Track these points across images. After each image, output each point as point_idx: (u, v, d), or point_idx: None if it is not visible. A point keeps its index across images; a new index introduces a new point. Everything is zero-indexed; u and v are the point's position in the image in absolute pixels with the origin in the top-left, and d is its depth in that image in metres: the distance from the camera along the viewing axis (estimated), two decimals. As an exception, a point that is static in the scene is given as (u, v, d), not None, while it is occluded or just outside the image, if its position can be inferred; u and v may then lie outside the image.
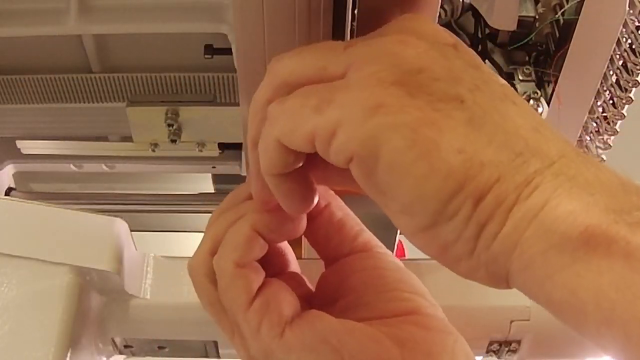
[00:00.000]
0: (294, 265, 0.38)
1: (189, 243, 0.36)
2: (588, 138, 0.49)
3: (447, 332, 0.34)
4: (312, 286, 0.38)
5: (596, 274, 0.22)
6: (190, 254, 0.36)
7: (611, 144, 0.49)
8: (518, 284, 0.25)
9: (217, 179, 0.86)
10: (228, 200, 0.36)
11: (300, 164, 0.30)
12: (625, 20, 0.42)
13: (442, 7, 0.49)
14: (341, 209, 0.38)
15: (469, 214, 0.25)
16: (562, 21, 0.47)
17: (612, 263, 0.22)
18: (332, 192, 0.37)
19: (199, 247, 0.35)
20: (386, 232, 0.54)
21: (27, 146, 0.77)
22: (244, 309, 0.32)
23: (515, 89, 0.51)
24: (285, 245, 0.38)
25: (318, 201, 0.34)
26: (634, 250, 0.22)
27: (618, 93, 0.45)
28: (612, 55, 0.44)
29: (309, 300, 0.37)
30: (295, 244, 0.39)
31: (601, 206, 0.23)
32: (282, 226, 0.34)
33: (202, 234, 0.36)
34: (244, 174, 0.74)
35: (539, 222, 0.24)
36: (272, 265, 0.36)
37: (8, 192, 0.82)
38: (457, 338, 0.34)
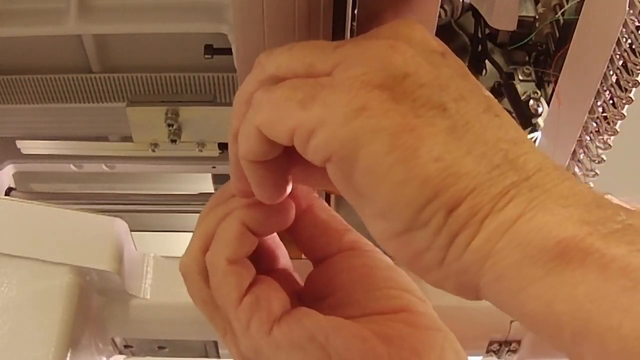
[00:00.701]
0: (285, 262, 0.39)
1: (188, 243, 0.36)
2: (588, 138, 0.49)
3: (436, 329, 0.34)
4: (303, 283, 0.38)
5: (570, 286, 0.23)
6: (191, 254, 0.36)
7: (611, 144, 0.49)
8: (490, 296, 0.26)
9: (217, 179, 0.85)
10: (216, 197, 0.36)
11: (277, 154, 0.30)
12: (625, 20, 0.42)
13: (442, 7, 0.49)
14: (324, 210, 0.38)
15: (442, 223, 0.25)
16: (562, 21, 0.47)
17: (587, 274, 0.22)
18: (315, 194, 0.37)
19: (189, 245, 0.35)
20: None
21: (27, 146, 0.77)
22: (234, 305, 0.33)
23: (515, 89, 0.51)
24: (275, 242, 0.38)
25: (300, 202, 0.34)
26: (608, 262, 0.22)
27: (618, 93, 0.45)
28: (612, 55, 0.44)
29: (300, 298, 0.37)
30: (292, 243, 0.39)
31: (575, 219, 0.24)
32: (270, 218, 0.34)
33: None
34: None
35: (512, 233, 0.24)
36: (263, 262, 0.37)
37: (8, 192, 0.81)
38: (447, 335, 0.34)
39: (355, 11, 0.37)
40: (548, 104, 0.51)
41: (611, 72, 0.45)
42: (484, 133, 0.26)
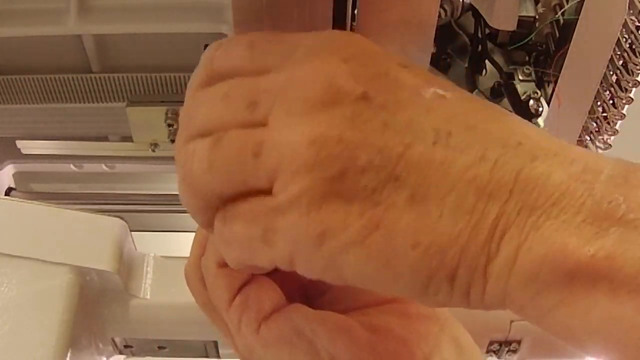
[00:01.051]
0: None
1: (188, 243, 0.36)
2: (588, 138, 0.49)
3: (431, 317, 0.34)
4: None
5: (584, 313, 0.23)
6: (190, 254, 0.36)
7: (611, 144, 0.49)
8: (522, 317, 0.26)
9: (217, 179, 0.85)
10: None
11: None
12: (625, 20, 0.42)
13: (442, 7, 0.49)
14: None
15: (450, 290, 0.25)
16: (562, 21, 0.47)
17: (598, 300, 0.22)
18: None
19: (190, 252, 0.36)
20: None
21: (27, 146, 0.77)
22: (226, 307, 0.33)
23: (516, 89, 0.51)
24: None
25: None
26: (617, 287, 0.22)
27: (618, 93, 0.45)
28: (612, 55, 0.44)
29: (306, 293, 0.37)
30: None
31: (575, 239, 0.23)
32: None
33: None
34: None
35: (517, 274, 0.24)
36: None
37: (8, 192, 0.82)
38: (445, 323, 0.34)
39: (356, 11, 0.37)
40: (548, 104, 0.51)
41: (611, 72, 0.45)
42: (445, 175, 0.24)
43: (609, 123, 0.47)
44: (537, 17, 0.48)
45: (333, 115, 0.25)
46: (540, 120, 0.51)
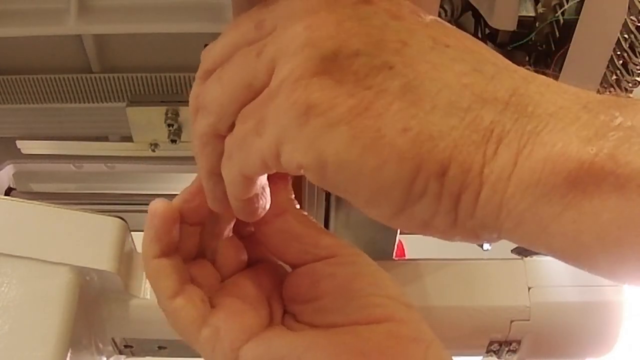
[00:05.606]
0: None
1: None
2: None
3: (419, 339, 0.33)
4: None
5: (592, 216, 0.22)
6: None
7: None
8: (514, 240, 0.24)
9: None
10: None
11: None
12: (625, 20, 0.42)
13: (442, 7, 0.49)
14: (298, 217, 0.36)
15: (438, 191, 0.24)
16: (562, 21, 0.47)
17: (606, 201, 0.21)
18: (292, 200, 0.36)
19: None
20: (386, 232, 0.54)
21: (27, 146, 0.77)
22: (194, 335, 0.32)
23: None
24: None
25: (271, 209, 0.33)
26: (624, 182, 0.21)
27: (618, 93, 0.45)
28: (612, 55, 0.44)
29: (283, 295, 0.36)
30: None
31: (575, 140, 0.22)
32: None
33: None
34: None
35: (517, 178, 0.22)
36: (248, 253, 0.36)
37: (8, 192, 0.82)
38: (431, 344, 0.33)
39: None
40: (548, 104, 0.51)
41: (611, 72, 0.45)
42: (442, 75, 0.24)
43: (609, 123, 0.47)
44: (537, 17, 0.48)
45: (333, 10, 0.25)
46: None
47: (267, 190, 0.31)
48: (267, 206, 0.32)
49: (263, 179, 0.30)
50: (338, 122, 0.24)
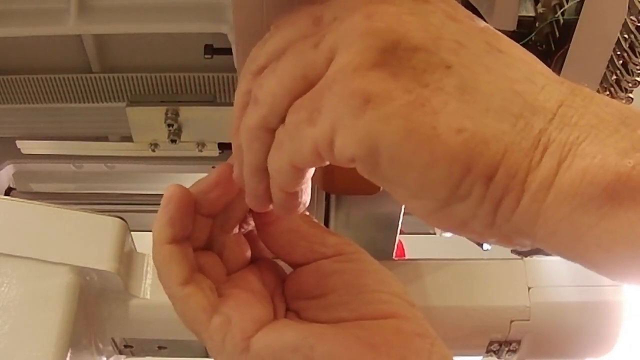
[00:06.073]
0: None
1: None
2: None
3: (424, 335, 0.33)
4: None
5: (627, 227, 0.22)
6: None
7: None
8: (547, 248, 0.25)
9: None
10: None
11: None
12: (625, 20, 0.42)
13: (442, 7, 0.49)
14: (302, 216, 0.36)
15: (482, 193, 0.24)
16: (562, 21, 0.47)
17: None
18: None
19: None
20: (386, 232, 0.54)
21: (27, 146, 0.77)
22: (204, 324, 0.32)
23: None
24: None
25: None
26: None
27: (618, 93, 0.45)
28: (612, 55, 0.44)
29: (286, 292, 0.36)
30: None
31: (613, 153, 0.22)
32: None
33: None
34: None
35: (556, 188, 0.23)
36: (255, 244, 0.37)
37: (8, 192, 0.82)
38: (434, 341, 0.33)
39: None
40: (548, 104, 0.51)
41: (611, 72, 0.45)
42: (496, 80, 0.24)
43: (609, 123, 0.47)
44: (537, 17, 0.48)
45: (393, 2, 0.25)
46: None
47: (309, 185, 0.31)
48: (308, 202, 0.32)
49: (310, 172, 0.30)
50: (395, 115, 0.24)
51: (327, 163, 0.27)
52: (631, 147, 0.22)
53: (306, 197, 0.31)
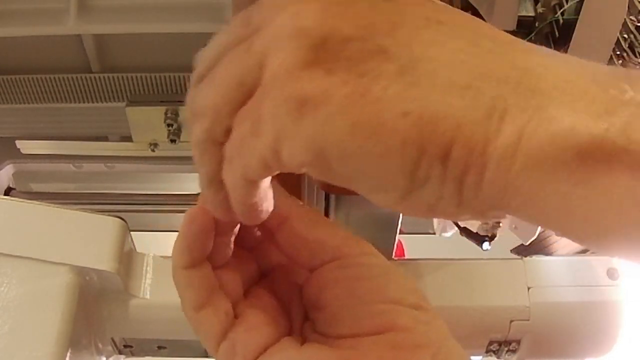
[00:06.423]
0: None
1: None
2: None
3: (425, 345, 0.31)
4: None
5: (603, 194, 0.21)
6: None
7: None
8: (522, 217, 0.24)
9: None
10: None
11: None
12: (625, 20, 0.42)
13: (441, 7, 0.49)
14: (304, 220, 0.35)
15: (442, 174, 0.23)
16: (561, 21, 0.47)
17: (616, 179, 0.21)
18: (296, 202, 0.35)
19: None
20: (386, 232, 0.54)
21: (27, 146, 0.77)
22: (214, 347, 0.32)
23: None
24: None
25: (275, 216, 0.32)
26: (637, 160, 0.20)
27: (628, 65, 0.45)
28: (612, 55, 0.44)
29: (302, 298, 0.36)
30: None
31: (584, 116, 0.21)
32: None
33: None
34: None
35: (522, 155, 0.21)
36: (263, 259, 0.36)
37: (8, 192, 0.82)
38: (439, 349, 0.31)
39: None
40: (548, 104, 0.51)
41: (611, 72, 0.45)
42: (437, 54, 0.23)
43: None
44: (536, 17, 0.48)
45: (311, 5, 0.24)
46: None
47: (270, 192, 0.31)
48: (271, 208, 0.31)
49: (267, 181, 0.29)
50: (335, 112, 0.23)
51: (282, 172, 0.26)
52: (604, 110, 0.21)
53: (267, 205, 0.30)
